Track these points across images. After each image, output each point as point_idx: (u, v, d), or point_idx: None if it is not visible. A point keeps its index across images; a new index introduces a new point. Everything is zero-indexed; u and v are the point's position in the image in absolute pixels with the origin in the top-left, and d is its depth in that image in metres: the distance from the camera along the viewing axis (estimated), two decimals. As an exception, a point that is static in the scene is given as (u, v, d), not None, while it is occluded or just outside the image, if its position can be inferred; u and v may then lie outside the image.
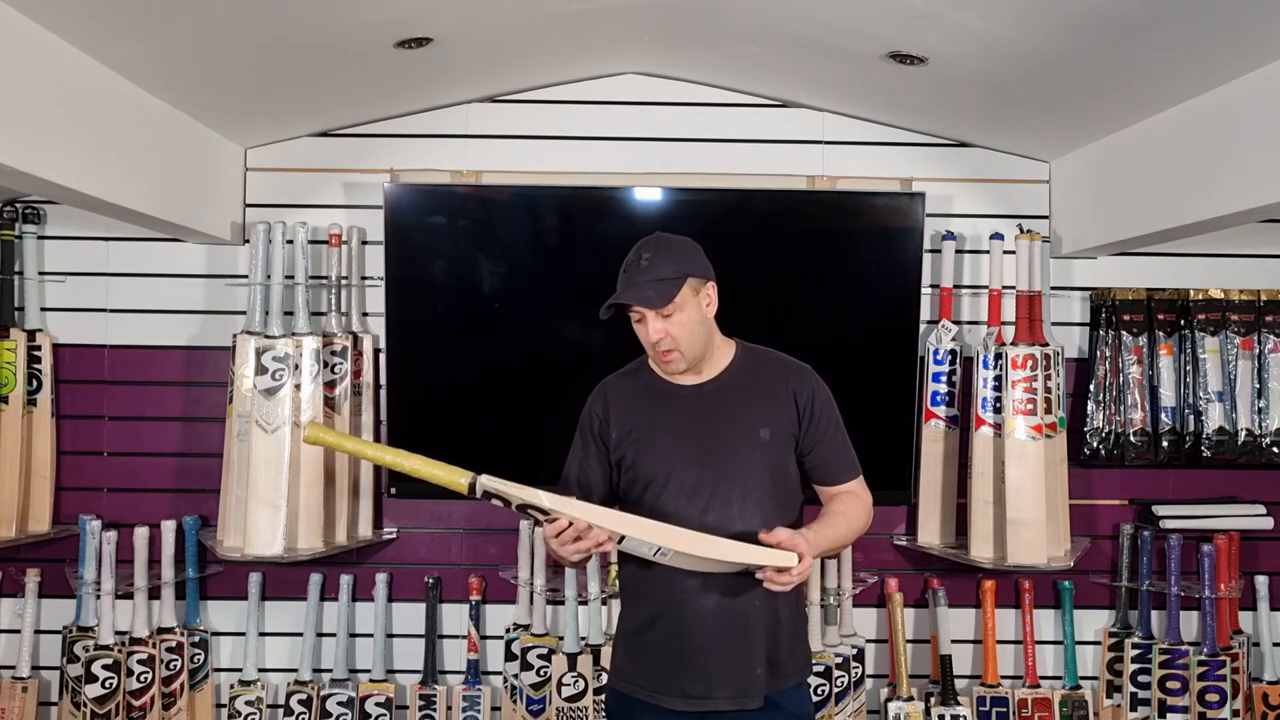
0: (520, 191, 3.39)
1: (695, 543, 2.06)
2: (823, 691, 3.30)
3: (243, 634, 3.42)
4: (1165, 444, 3.40)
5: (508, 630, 3.39)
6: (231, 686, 3.39)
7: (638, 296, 2.13)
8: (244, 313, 3.35)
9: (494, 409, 3.30)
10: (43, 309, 3.43)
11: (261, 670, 3.43)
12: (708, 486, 2.17)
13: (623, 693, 2.27)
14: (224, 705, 3.43)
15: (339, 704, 3.35)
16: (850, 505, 2.26)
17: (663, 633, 2.20)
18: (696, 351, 2.20)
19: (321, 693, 3.36)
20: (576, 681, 3.30)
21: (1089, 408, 3.42)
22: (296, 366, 3.22)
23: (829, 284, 3.39)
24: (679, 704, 2.19)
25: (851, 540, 2.32)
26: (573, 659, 3.30)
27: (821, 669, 3.30)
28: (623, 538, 2.05)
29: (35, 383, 3.37)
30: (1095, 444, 3.42)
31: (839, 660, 3.33)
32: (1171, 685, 3.34)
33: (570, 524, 2.01)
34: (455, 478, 2.01)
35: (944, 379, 3.38)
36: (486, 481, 1.99)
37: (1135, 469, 3.46)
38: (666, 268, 2.15)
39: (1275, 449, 3.38)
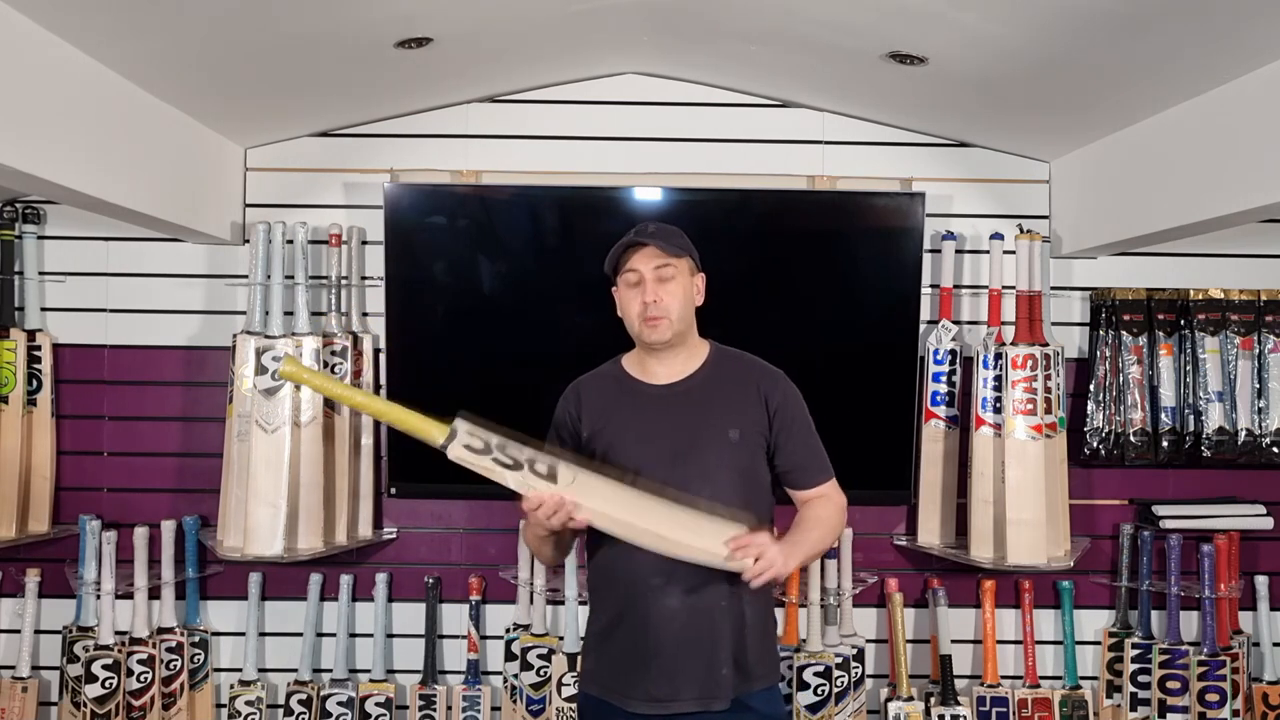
0: (520, 191, 3.39)
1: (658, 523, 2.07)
2: (823, 691, 3.30)
3: (243, 634, 3.42)
4: (1165, 444, 3.40)
5: (508, 630, 3.39)
6: (231, 686, 3.39)
7: (658, 242, 2.18)
8: (244, 313, 3.35)
9: (494, 409, 3.28)
10: (43, 309, 3.43)
11: (261, 670, 3.43)
12: (675, 486, 2.15)
13: (593, 696, 2.26)
14: (224, 705, 3.43)
15: (339, 704, 3.35)
16: (824, 509, 2.25)
17: (627, 634, 2.20)
18: (681, 327, 2.22)
19: (321, 693, 3.36)
20: (576, 682, 3.30)
21: (1089, 408, 3.42)
22: (296, 366, 3.21)
23: (829, 284, 3.39)
24: (644, 706, 2.17)
25: (831, 543, 2.30)
26: (573, 659, 3.30)
27: (821, 669, 3.30)
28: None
29: (35, 383, 3.37)
30: (1095, 444, 3.42)
31: (839, 660, 3.33)
32: (1171, 685, 3.34)
33: (541, 502, 2.04)
34: (431, 431, 2.07)
35: (944, 379, 3.38)
36: (455, 452, 2.05)
37: (1135, 469, 3.46)
38: (675, 238, 2.23)
39: (1275, 449, 3.38)
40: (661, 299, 2.17)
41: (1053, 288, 3.48)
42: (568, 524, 2.06)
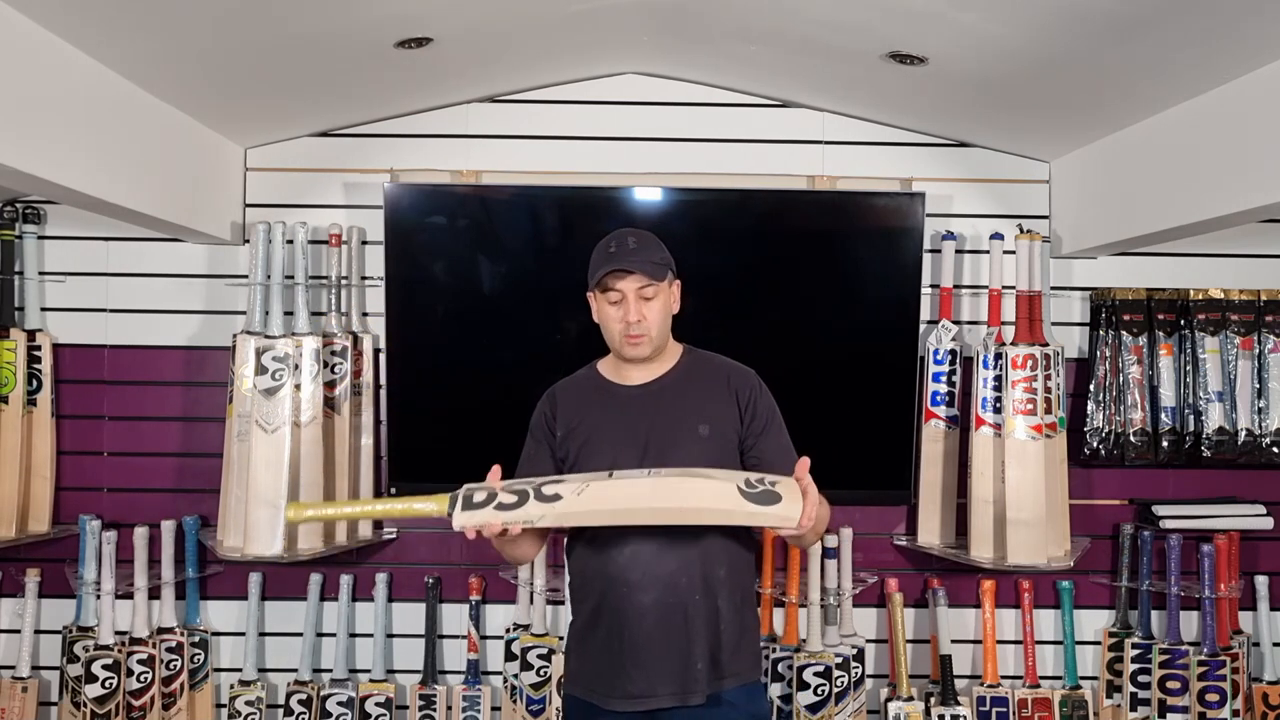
0: (520, 191, 3.39)
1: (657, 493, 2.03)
2: (823, 691, 3.30)
3: (243, 634, 3.42)
4: (1165, 444, 3.40)
5: (508, 630, 3.39)
6: (231, 686, 3.39)
7: (644, 267, 2.20)
8: (244, 313, 3.35)
9: (494, 409, 3.30)
10: (43, 309, 3.43)
11: (261, 670, 3.43)
12: None
13: (578, 697, 2.27)
14: (224, 705, 3.43)
15: (339, 704, 3.35)
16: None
17: (604, 633, 2.22)
18: (660, 342, 2.27)
19: (321, 693, 3.36)
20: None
21: (1089, 408, 3.42)
22: (296, 366, 3.22)
23: (829, 284, 3.39)
24: (622, 704, 2.18)
25: (823, 529, 2.26)
26: (573, 659, 3.30)
27: (821, 669, 3.30)
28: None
29: (35, 383, 3.37)
30: (1095, 444, 3.42)
31: (839, 660, 3.33)
32: (1171, 685, 3.34)
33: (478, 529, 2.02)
34: (434, 506, 2.04)
35: (944, 379, 3.38)
36: (459, 520, 2.01)
37: (1135, 469, 3.46)
38: (655, 254, 2.25)
39: (1275, 449, 3.38)
40: (644, 317, 2.22)
41: (1053, 288, 3.47)
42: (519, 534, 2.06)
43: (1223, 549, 3.37)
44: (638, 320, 2.21)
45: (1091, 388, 3.43)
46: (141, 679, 3.30)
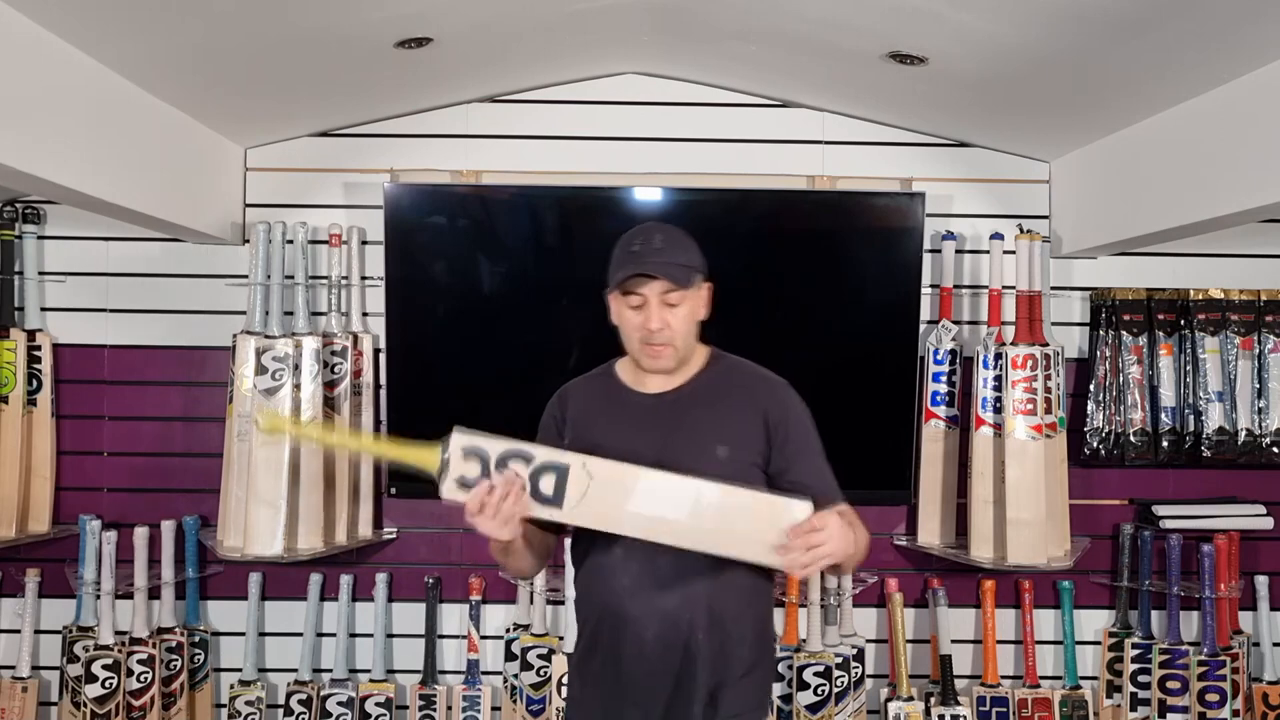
0: (520, 191, 3.39)
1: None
2: (823, 691, 3.30)
3: (243, 634, 3.42)
4: (1165, 444, 3.40)
5: (508, 630, 3.39)
6: (231, 686, 3.39)
7: (668, 270, 1.94)
8: (244, 313, 3.35)
9: (494, 409, 3.29)
10: (43, 309, 3.43)
11: (261, 670, 3.43)
12: None
13: None
14: (224, 705, 3.43)
15: (339, 704, 3.35)
16: (855, 517, 1.96)
17: (601, 663, 2.05)
18: (685, 353, 2.03)
19: (321, 693, 3.36)
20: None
21: (1089, 408, 3.42)
22: (296, 366, 3.22)
23: (829, 284, 3.39)
24: None
25: (859, 560, 2.00)
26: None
27: (821, 669, 3.30)
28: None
29: (35, 383, 3.37)
30: (1095, 444, 3.42)
31: (839, 660, 3.33)
32: (1171, 685, 3.34)
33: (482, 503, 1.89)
34: (422, 455, 1.99)
35: (944, 379, 3.38)
36: (449, 493, 1.93)
37: (1135, 469, 3.46)
38: (681, 256, 1.99)
39: (1275, 449, 3.38)
40: (668, 325, 1.96)
41: (1053, 288, 3.47)
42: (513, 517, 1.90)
43: (1223, 549, 3.37)
44: (660, 329, 1.95)
45: (1091, 388, 3.43)
46: (141, 679, 3.30)
